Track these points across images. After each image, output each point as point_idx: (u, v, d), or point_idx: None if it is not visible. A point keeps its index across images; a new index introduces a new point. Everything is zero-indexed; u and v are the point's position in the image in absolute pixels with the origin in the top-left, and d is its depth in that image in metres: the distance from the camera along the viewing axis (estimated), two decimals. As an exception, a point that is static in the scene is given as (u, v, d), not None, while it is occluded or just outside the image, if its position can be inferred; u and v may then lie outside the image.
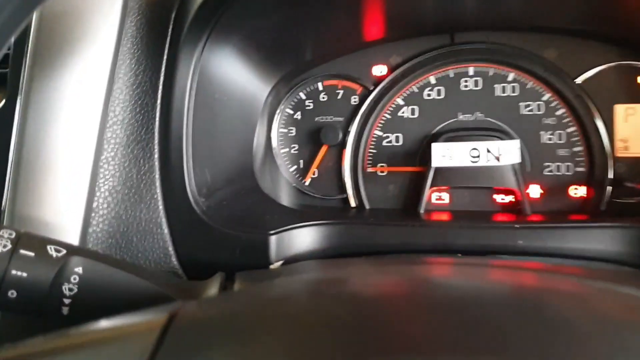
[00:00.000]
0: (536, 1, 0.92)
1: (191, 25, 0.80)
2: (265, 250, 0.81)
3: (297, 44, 1.03)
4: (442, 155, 0.97)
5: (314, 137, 1.12)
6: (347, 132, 1.10)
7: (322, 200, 1.13)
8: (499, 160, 0.96)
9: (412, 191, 1.08)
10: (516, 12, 0.98)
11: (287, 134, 1.14)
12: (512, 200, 1.03)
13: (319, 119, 1.12)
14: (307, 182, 1.13)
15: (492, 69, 1.04)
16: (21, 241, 0.57)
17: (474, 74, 1.05)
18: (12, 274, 0.55)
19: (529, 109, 1.03)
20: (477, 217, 0.97)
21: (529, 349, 0.31)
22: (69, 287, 0.58)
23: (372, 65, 1.10)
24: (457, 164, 0.97)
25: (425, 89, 1.07)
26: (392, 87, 1.08)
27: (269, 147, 1.13)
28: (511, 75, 1.04)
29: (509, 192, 1.03)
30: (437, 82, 1.07)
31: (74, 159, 0.76)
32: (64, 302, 0.58)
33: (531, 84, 1.03)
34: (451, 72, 1.06)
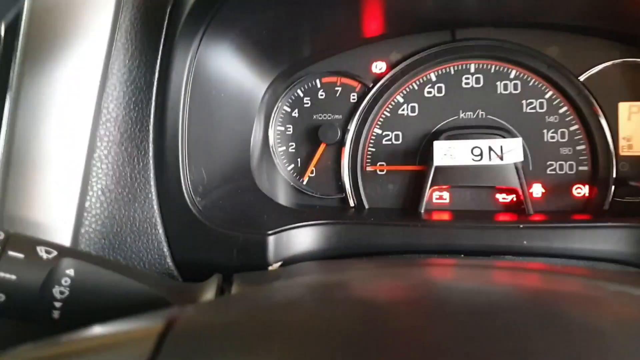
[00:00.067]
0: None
1: (187, 20, 0.78)
2: (263, 250, 0.79)
3: (295, 40, 1.02)
4: (444, 153, 0.95)
5: (312, 135, 1.10)
6: (345, 131, 1.08)
7: (320, 199, 1.11)
8: (502, 159, 0.94)
9: (412, 190, 1.06)
10: (518, 8, 0.97)
11: (285, 132, 1.12)
12: (514, 199, 1.02)
13: (317, 117, 1.10)
14: (305, 181, 1.11)
15: (493, 66, 1.03)
16: (10, 242, 0.55)
17: (476, 71, 1.04)
18: (0, 276, 0.53)
19: (531, 106, 1.01)
20: (479, 217, 0.95)
21: (554, 357, 0.29)
22: (60, 290, 0.56)
23: (372, 62, 1.08)
24: (459, 162, 0.95)
25: (425, 86, 1.06)
26: (392, 84, 1.06)
27: (266, 146, 1.11)
28: (513, 72, 1.02)
29: (511, 192, 1.02)
30: (437, 79, 1.05)
31: (66, 157, 0.74)
32: (54, 305, 0.56)
33: (533, 81, 1.01)
34: (452, 69, 1.05)
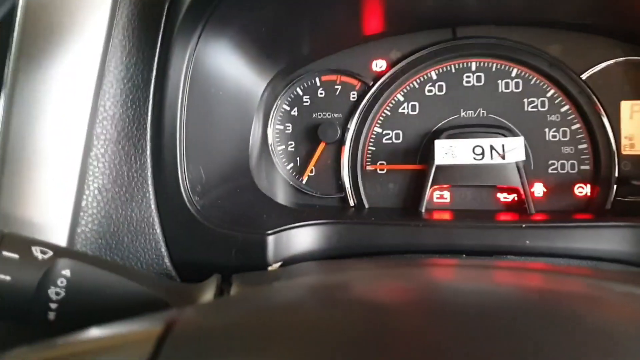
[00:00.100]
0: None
1: (185, 16, 0.77)
2: (262, 251, 0.78)
3: (294, 37, 1.00)
4: (445, 152, 0.94)
5: (311, 134, 1.09)
6: (345, 129, 1.07)
7: (319, 199, 1.10)
8: (504, 157, 0.93)
9: (413, 190, 1.05)
10: (520, 6, 0.96)
11: (284, 130, 1.11)
12: (515, 199, 1.01)
13: (316, 116, 1.09)
14: (304, 180, 1.10)
15: (495, 65, 1.02)
16: (4, 242, 0.54)
17: (477, 69, 1.03)
18: (-5, 277, 0.52)
19: (532, 105, 1.00)
20: (480, 217, 0.95)
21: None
22: (55, 291, 0.55)
23: (372, 60, 1.07)
24: (460, 161, 0.94)
25: (426, 84, 1.05)
26: (392, 82, 1.05)
27: (265, 144, 1.10)
28: (514, 70, 1.01)
29: (512, 191, 1.01)
30: (438, 77, 1.04)
31: (62, 155, 0.73)
32: (50, 307, 0.55)
33: (535, 79, 1.01)
34: (453, 67, 1.04)
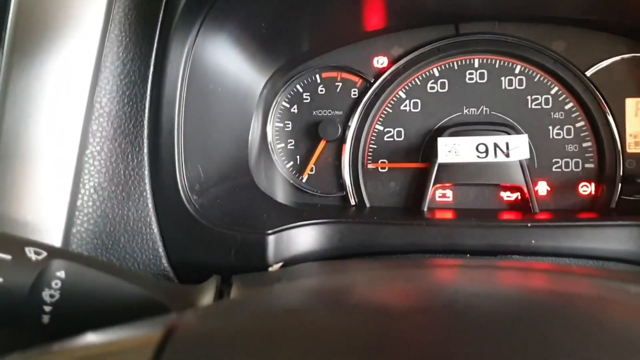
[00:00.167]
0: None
1: (183, 10, 0.76)
2: (262, 251, 0.76)
3: (294, 33, 0.99)
4: (449, 150, 0.92)
5: (312, 131, 1.07)
6: (346, 127, 1.05)
7: (320, 197, 1.08)
8: (508, 155, 0.91)
9: (415, 188, 1.03)
10: (523, 2, 0.95)
11: (284, 128, 1.09)
12: (519, 197, 0.99)
13: (316, 113, 1.07)
14: (304, 179, 1.09)
15: (498, 61, 1.01)
16: (-4, 243, 0.52)
17: (480, 66, 1.01)
18: (-14, 279, 0.50)
19: (536, 102, 0.99)
20: (484, 216, 0.93)
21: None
22: (50, 293, 0.53)
23: (373, 56, 1.05)
24: (464, 159, 0.93)
25: (428, 81, 1.03)
26: (394, 79, 1.03)
27: (265, 142, 1.08)
28: (518, 67, 1.00)
29: (516, 189, 0.99)
30: (440, 74, 1.03)
31: (57, 153, 0.72)
32: (44, 309, 0.53)
33: (539, 77, 0.99)
34: (455, 64, 1.02)
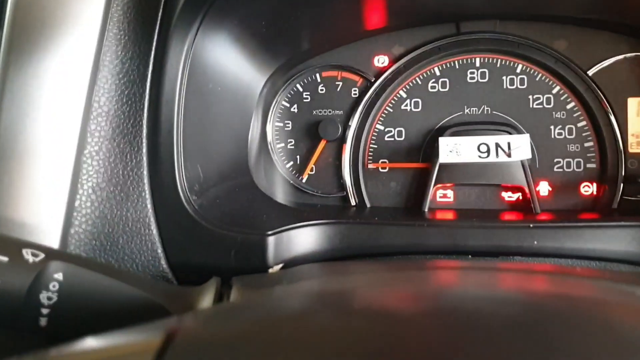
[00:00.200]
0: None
1: (183, 8, 0.75)
2: (262, 252, 0.76)
3: (295, 31, 0.98)
4: (450, 150, 0.92)
5: (312, 131, 1.06)
6: (346, 127, 1.04)
7: (320, 198, 1.07)
8: (509, 155, 0.91)
9: (415, 188, 1.03)
10: (525, 0, 0.94)
11: (284, 128, 1.08)
12: (520, 198, 0.99)
13: (317, 112, 1.07)
14: (304, 179, 1.08)
15: (499, 60, 1.00)
16: (-7, 244, 0.52)
17: (481, 65, 1.01)
18: (-17, 282, 0.50)
19: (538, 102, 0.98)
20: (485, 216, 0.93)
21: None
22: (47, 295, 0.53)
23: (374, 55, 1.04)
24: (465, 159, 0.92)
25: (429, 80, 1.03)
26: (395, 78, 1.03)
27: (264, 142, 1.07)
28: (519, 66, 0.99)
29: (517, 190, 0.99)
30: (441, 73, 1.02)
31: (55, 153, 0.72)
32: (41, 312, 0.53)
33: (540, 76, 0.99)
34: (456, 63, 1.02)
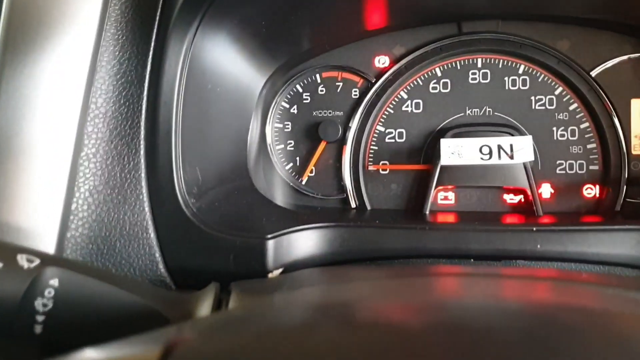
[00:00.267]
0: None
1: (182, 7, 0.75)
2: (262, 256, 0.75)
3: (294, 31, 0.97)
4: (452, 152, 0.91)
5: (312, 132, 1.05)
6: (347, 128, 1.03)
7: (320, 200, 1.06)
8: (512, 158, 0.90)
9: (416, 191, 1.02)
10: (527, 0, 0.93)
11: (283, 129, 1.07)
12: (522, 200, 0.98)
13: (316, 114, 1.06)
14: (304, 181, 1.07)
15: (501, 61, 0.99)
16: (-13, 250, 0.51)
17: (483, 65, 1.00)
18: (-24, 288, 0.49)
19: (540, 103, 0.98)
20: (487, 219, 0.92)
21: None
22: (42, 302, 0.52)
23: (374, 56, 1.04)
24: (467, 161, 0.91)
25: (430, 81, 1.02)
26: (396, 79, 1.02)
27: (264, 144, 1.07)
28: (522, 67, 0.98)
29: (519, 192, 0.98)
30: (443, 74, 1.01)
31: (51, 155, 0.71)
32: (36, 319, 0.52)
33: (543, 77, 0.98)
34: (458, 63, 1.01)
